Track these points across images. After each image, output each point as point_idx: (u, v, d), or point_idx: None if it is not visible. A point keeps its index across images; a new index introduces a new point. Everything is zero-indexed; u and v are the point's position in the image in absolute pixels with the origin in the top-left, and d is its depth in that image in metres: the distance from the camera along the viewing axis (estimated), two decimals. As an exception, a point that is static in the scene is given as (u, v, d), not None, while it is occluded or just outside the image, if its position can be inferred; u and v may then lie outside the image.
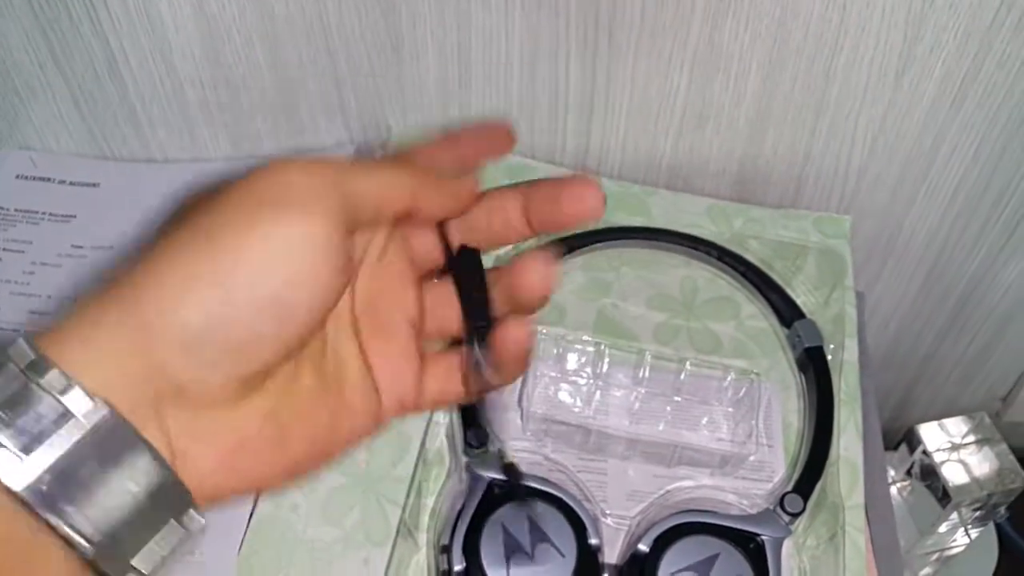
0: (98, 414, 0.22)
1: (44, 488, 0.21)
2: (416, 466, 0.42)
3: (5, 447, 0.21)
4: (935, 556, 0.64)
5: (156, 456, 0.23)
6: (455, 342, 0.31)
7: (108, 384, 0.22)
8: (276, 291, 0.24)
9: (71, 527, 0.21)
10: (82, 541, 0.21)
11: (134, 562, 0.23)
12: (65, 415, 0.22)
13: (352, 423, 0.28)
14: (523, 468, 0.40)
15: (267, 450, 0.26)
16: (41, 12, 0.49)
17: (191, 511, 0.24)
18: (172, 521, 0.24)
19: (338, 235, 0.25)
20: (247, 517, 0.40)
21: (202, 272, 0.23)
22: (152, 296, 0.23)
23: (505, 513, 0.38)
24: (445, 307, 0.30)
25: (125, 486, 0.22)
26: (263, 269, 0.23)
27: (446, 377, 0.30)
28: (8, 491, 0.21)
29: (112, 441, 0.22)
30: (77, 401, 0.22)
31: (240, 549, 0.40)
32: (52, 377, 0.22)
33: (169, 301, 0.23)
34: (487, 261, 0.30)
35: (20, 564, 0.21)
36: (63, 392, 0.22)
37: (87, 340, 0.23)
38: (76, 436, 0.22)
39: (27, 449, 0.21)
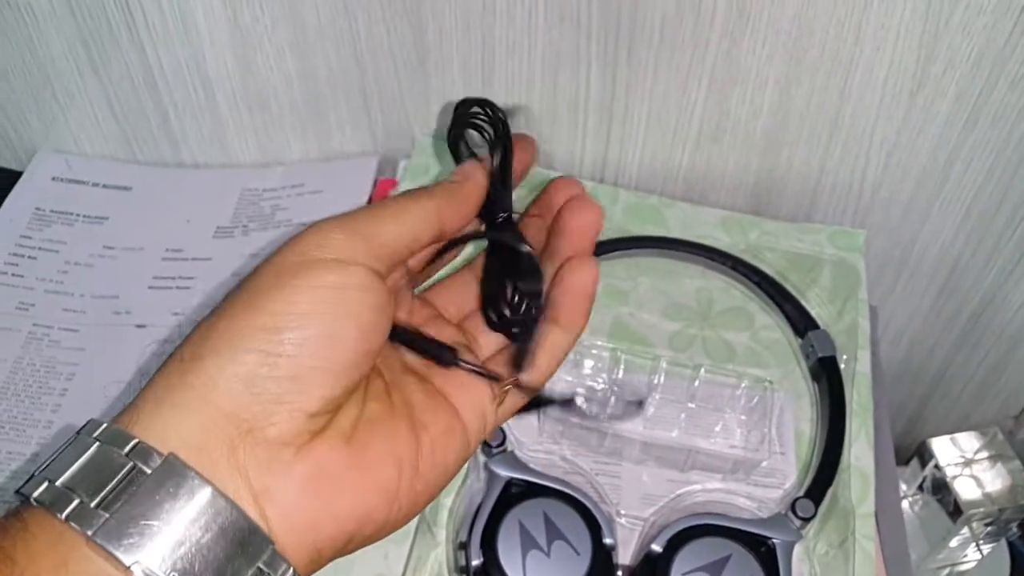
0: (168, 468, 0.24)
1: (128, 541, 0.22)
2: (435, 465, 0.43)
3: (86, 504, 0.23)
4: (946, 571, 0.64)
5: (224, 498, 0.24)
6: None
7: (178, 440, 0.24)
8: (321, 331, 0.26)
9: None
10: None
11: None
12: (139, 473, 0.23)
13: (439, 441, 0.29)
14: (540, 468, 0.41)
15: (348, 473, 0.26)
16: (83, 22, 0.51)
17: (279, 560, 0.25)
18: (258, 568, 0.24)
19: (374, 279, 0.27)
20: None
21: (253, 323, 0.25)
22: (211, 353, 0.25)
23: (522, 511, 0.39)
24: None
25: (200, 531, 0.23)
26: (307, 316, 0.26)
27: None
28: (95, 545, 0.22)
29: (183, 490, 0.23)
30: (149, 460, 0.24)
31: (264, 541, 0.41)
32: (124, 442, 0.24)
33: (227, 353, 0.25)
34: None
35: None
36: (135, 453, 0.24)
37: (157, 407, 0.25)
38: (150, 490, 0.23)
39: (108, 507, 0.23)
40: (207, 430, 0.24)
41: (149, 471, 0.23)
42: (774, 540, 0.39)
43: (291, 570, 0.25)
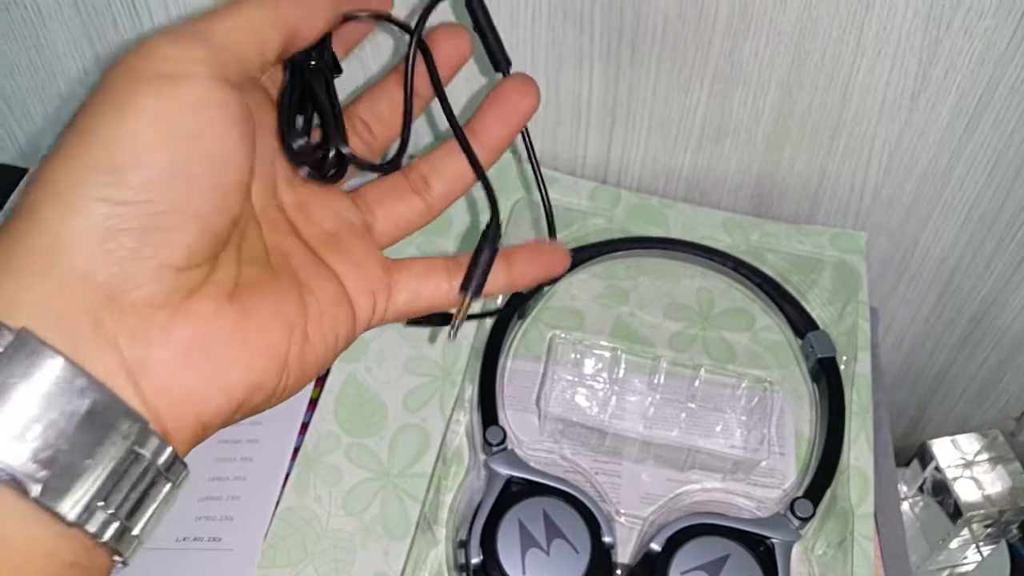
0: (20, 345, 0.20)
1: None
2: (436, 463, 0.44)
3: None
4: (946, 573, 0.64)
5: (87, 376, 0.21)
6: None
7: (31, 311, 0.21)
8: (168, 167, 0.22)
9: (9, 467, 0.20)
10: (25, 479, 0.20)
11: (98, 501, 0.21)
12: None
13: (328, 311, 0.27)
14: (540, 467, 0.41)
15: (235, 336, 0.24)
16: (88, 20, 0.51)
17: (153, 438, 0.22)
18: (129, 448, 0.22)
19: (223, 92, 0.23)
20: (273, 506, 0.42)
21: (91, 164, 0.22)
22: (48, 203, 0.21)
23: (522, 509, 0.39)
24: (395, 202, 0.32)
25: (62, 417, 0.21)
26: (151, 144, 0.22)
27: (418, 281, 0.31)
28: None
29: (41, 371, 0.20)
30: None
31: (266, 537, 0.41)
32: None
33: (68, 203, 0.21)
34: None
35: None
36: None
37: None
38: (1, 373, 0.20)
39: None
40: (63, 297, 0.21)
41: (11, 358, 0.20)
42: (773, 540, 0.39)
43: (168, 448, 0.23)
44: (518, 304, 0.47)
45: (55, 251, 0.21)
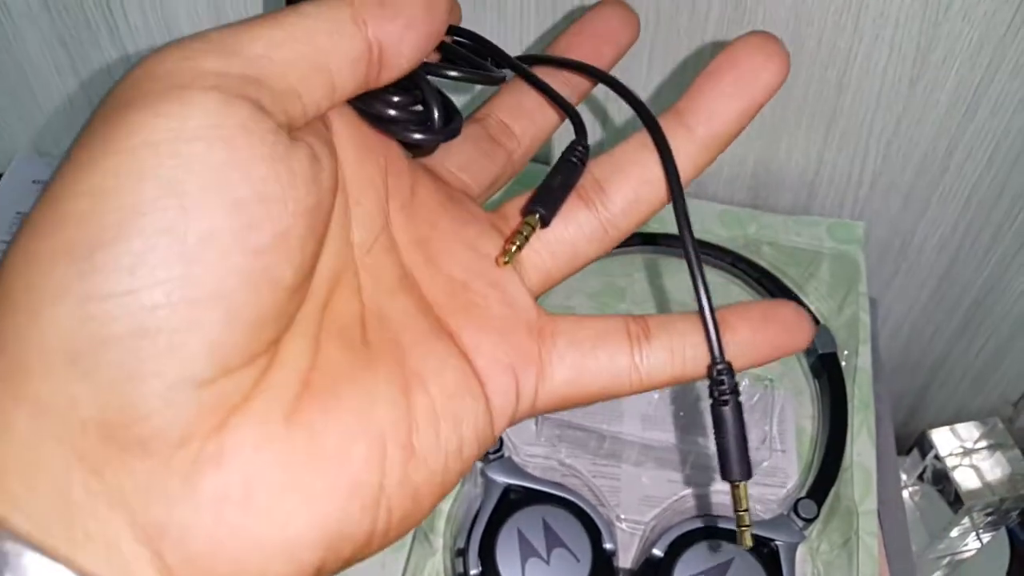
0: None
1: None
2: (431, 471, 0.43)
3: None
4: (946, 560, 0.64)
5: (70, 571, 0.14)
6: None
7: None
8: (168, 222, 0.15)
9: None
10: None
11: None
12: None
13: (447, 406, 0.19)
14: (538, 473, 0.40)
15: (295, 470, 0.16)
16: (59, 19, 0.49)
17: None
18: None
19: (250, 111, 0.16)
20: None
21: (57, 243, 0.15)
22: (8, 315, 0.15)
23: (520, 518, 0.38)
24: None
25: None
26: (134, 198, 0.15)
27: (583, 352, 0.21)
28: None
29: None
30: None
31: (258, 552, 0.40)
32: None
33: (28, 311, 0.15)
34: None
35: None
36: None
37: None
38: None
39: None
40: (37, 444, 0.14)
41: None
42: (777, 542, 0.39)
43: None
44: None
45: (20, 378, 0.15)
